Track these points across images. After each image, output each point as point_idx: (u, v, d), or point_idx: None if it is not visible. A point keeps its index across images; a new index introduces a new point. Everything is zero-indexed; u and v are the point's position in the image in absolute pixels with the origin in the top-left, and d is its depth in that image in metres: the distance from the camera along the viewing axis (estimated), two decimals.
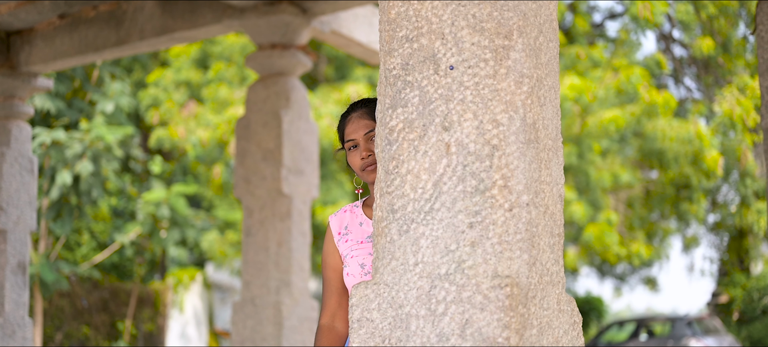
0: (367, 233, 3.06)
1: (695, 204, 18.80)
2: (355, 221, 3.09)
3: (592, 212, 17.09)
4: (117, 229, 17.21)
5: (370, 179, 3.07)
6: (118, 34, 7.28)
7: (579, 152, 16.74)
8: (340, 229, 3.08)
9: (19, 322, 7.51)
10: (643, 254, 18.49)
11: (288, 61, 7.01)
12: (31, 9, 7.17)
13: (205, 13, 6.93)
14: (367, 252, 3.01)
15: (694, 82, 20.03)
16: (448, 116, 2.49)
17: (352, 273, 2.99)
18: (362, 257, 3.00)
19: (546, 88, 2.61)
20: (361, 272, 2.98)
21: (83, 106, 15.20)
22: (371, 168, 3.06)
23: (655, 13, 15.81)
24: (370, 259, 2.98)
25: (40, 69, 7.82)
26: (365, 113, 3.13)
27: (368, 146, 3.07)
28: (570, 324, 2.65)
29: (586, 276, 26.92)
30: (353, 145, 3.09)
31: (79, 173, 13.69)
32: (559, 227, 2.63)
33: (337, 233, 3.08)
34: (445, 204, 2.47)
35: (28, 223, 7.70)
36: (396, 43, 2.58)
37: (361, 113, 3.13)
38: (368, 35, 7.84)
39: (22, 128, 7.80)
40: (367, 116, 3.12)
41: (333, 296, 3.04)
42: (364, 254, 3.01)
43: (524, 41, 2.51)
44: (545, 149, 2.58)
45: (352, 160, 3.10)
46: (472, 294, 2.40)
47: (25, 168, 7.72)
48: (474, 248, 2.43)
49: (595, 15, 20.36)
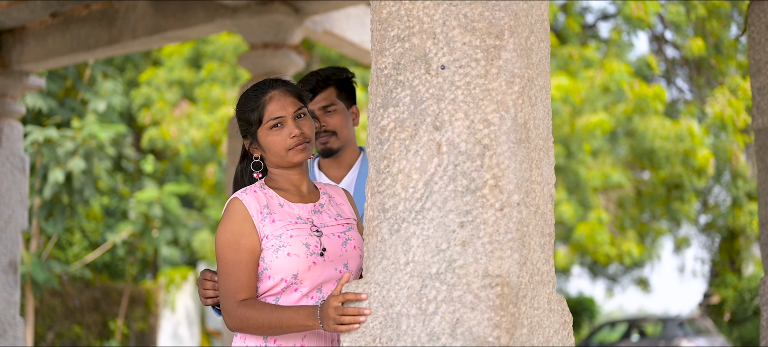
0: (296, 215, 2.91)
1: (687, 204, 18.85)
2: (274, 202, 2.92)
3: (581, 212, 17.12)
4: (109, 228, 17.18)
5: (296, 159, 2.94)
6: (110, 33, 7.27)
7: (568, 152, 16.76)
8: (260, 209, 2.88)
9: (11, 321, 7.49)
10: (634, 254, 18.53)
11: (280, 61, 7.01)
12: (23, 8, 7.16)
13: (198, 12, 6.92)
14: (307, 232, 2.87)
15: (686, 83, 20.08)
16: (440, 115, 2.49)
17: (294, 253, 2.83)
18: (305, 237, 2.85)
19: (537, 88, 2.62)
20: (306, 251, 2.83)
21: (75, 105, 15.18)
22: (300, 148, 2.93)
23: (648, 12, 15.85)
24: (313, 239, 2.86)
25: (32, 68, 7.81)
26: (288, 90, 2.99)
27: (297, 124, 2.94)
28: (560, 324, 2.66)
29: (578, 276, 26.97)
30: (277, 123, 2.93)
31: (71, 172, 13.67)
32: (549, 227, 2.64)
33: (258, 212, 2.87)
34: (436, 204, 2.47)
35: (19, 222, 7.68)
36: (387, 43, 2.59)
37: (282, 90, 2.97)
38: (361, 35, 7.84)
39: (14, 127, 7.78)
40: (291, 93, 2.99)
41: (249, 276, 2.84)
42: (305, 234, 2.86)
43: (515, 41, 2.52)
44: (536, 149, 2.58)
45: (274, 140, 2.93)
46: (462, 294, 2.40)
47: (16, 167, 7.70)
48: (465, 247, 2.43)
49: (588, 16, 20.39)
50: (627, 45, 18.50)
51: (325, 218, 2.97)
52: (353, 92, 3.67)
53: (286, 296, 2.86)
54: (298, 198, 2.98)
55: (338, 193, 3.12)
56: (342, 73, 3.63)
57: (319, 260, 2.86)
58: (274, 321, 2.77)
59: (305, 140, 2.94)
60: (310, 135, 2.98)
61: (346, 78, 3.63)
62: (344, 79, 3.63)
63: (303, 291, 2.86)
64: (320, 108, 3.56)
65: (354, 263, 2.95)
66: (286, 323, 2.76)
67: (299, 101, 2.99)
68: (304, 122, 2.97)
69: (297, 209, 2.94)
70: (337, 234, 2.94)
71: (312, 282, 2.86)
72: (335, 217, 3.00)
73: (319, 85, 3.56)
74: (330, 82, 3.59)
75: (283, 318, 2.76)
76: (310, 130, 2.98)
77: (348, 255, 2.94)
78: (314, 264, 2.85)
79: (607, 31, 20.10)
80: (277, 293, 2.86)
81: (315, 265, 2.85)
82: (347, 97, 3.64)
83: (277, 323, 2.77)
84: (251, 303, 2.83)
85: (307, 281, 2.85)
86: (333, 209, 3.02)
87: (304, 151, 2.94)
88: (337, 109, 3.58)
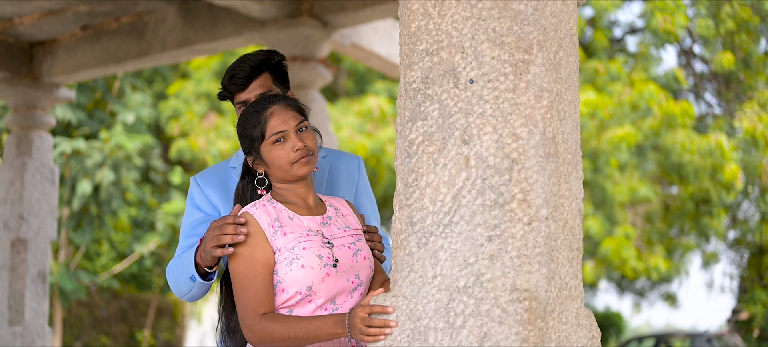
0: (306, 227, 2.92)
1: (715, 220, 18.71)
2: (284, 216, 2.93)
3: (608, 227, 17.03)
4: (136, 239, 17.28)
5: (301, 172, 2.95)
6: (139, 45, 7.33)
7: (595, 167, 16.70)
8: (271, 222, 2.89)
9: (39, 331, 7.55)
10: (661, 268, 18.40)
11: (308, 74, 7.03)
12: (54, 20, 7.23)
13: (226, 25, 6.96)
14: (319, 244, 2.88)
15: (715, 97, 19.95)
16: (468, 129, 2.49)
17: (308, 265, 2.83)
18: (318, 249, 2.86)
19: (566, 102, 2.61)
20: (319, 263, 2.84)
21: (104, 117, 15.29)
22: (304, 161, 2.94)
23: (675, 26, 15.77)
24: (325, 250, 2.87)
25: (62, 80, 7.88)
26: (288, 105, 2.99)
27: (300, 138, 2.94)
28: (588, 339, 2.65)
29: (605, 291, 26.80)
30: (280, 138, 2.94)
31: (99, 183, 13.76)
32: (578, 242, 2.63)
33: (269, 226, 2.88)
34: (464, 217, 2.47)
35: (48, 232, 7.75)
36: (416, 57, 2.59)
37: (283, 105, 2.98)
38: (388, 49, 7.86)
39: (44, 139, 7.85)
40: (292, 107, 2.99)
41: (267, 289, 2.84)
42: (317, 246, 2.87)
43: (544, 56, 2.52)
44: (564, 163, 2.58)
45: (277, 154, 2.94)
46: (490, 308, 2.40)
47: (46, 178, 7.77)
48: (493, 261, 2.43)
49: (616, 30, 20.31)
50: (655, 59, 18.41)
51: (334, 230, 2.98)
52: (287, 76, 3.43)
53: (300, 308, 2.87)
54: (306, 211, 3.00)
55: (342, 204, 3.13)
56: (274, 57, 3.37)
57: (333, 271, 2.87)
58: (301, 332, 2.77)
59: (309, 152, 2.95)
60: (314, 147, 2.99)
61: (278, 62, 3.38)
62: (277, 63, 3.38)
63: (317, 302, 2.87)
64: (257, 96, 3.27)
65: (364, 273, 2.96)
66: (314, 333, 2.76)
67: (300, 114, 3.00)
68: (306, 135, 2.98)
69: (307, 222, 2.95)
70: (347, 246, 2.96)
71: (326, 294, 2.87)
72: (343, 229, 3.01)
73: (254, 71, 3.30)
74: (264, 68, 3.33)
75: (310, 329, 2.76)
76: (313, 142, 2.99)
77: (359, 266, 2.95)
78: (328, 276, 2.86)
79: (634, 45, 20.01)
80: (291, 305, 2.87)
81: (328, 276, 2.86)
82: (281, 82, 3.39)
83: (304, 334, 2.77)
84: (274, 316, 2.83)
85: (322, 293, 2.86)
86: (340, 221, 3.04)
87: (308, 164, 2.95)
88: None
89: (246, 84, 3.28)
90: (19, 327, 7.45)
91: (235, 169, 3.36)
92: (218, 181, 3.36)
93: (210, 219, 3.28)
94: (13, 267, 7.55)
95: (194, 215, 3.33)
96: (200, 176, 3.41)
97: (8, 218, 7.60)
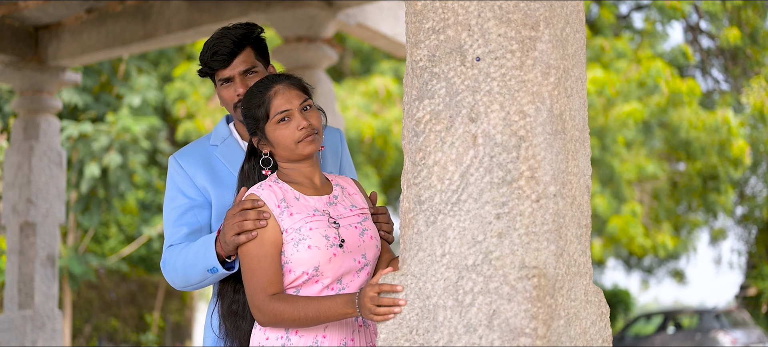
0: (312, 207, 2.91)
1: (723, 196, 18.69)
2: (290, 196, 2.92)
3: (615, 205, 17.02)
4: (145, 222, 17.32)
5: (306, 151, 2.93)
6: (145, 28, 7.32)
7: (602, 144, 16.68)
8: (278, 203, 2.88)
9: (49, 314, 7.58)
10: (669, 245, 18.40)
11: (314, 54, 7.02)
12: (59, 4, 7.23)
13: (231, 6, 6.95)
14: (325, 224, 2.88)
15: (722, 73, 19.89)
16: (475, 107, 2.49)
17: (315, 245, 2.83)
18: (324, 229, 2.86)
19: (573, 79, 2.60)
20: (326, 243, 2.84)
21: (110, 100, 15.31)
22: (309, 139, 2.92)
23: (682, 2, 15.72)
24: (332, 230, 2.87)
25: (68, 63, 7.88)
26: (292, 84, 2.97)
27: (304, 116, 2.93)
28: (597, 315, 2.65)
29: (613, 268, 26.82)
30: (284, 117, 2.92)
31: (107, 166, 13.79)
32: (586, 218, 2.63)
33: (276, 206, 2.87)
34: (472, 195, 2.47)
35: (56, 216, 7.77)
36: (422, 35, 2.59)
37: (287, 84, 2.96)
38: (394, 28, 7.84)
39: (51, 122, 7.86)
40: (296, 86, 2.97)
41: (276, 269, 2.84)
42: (324, 226, 2.87)
43: (551, 32, 2.51)
44: (572, 140, 2.57)
45: (282, 133, 2.92)
46: (499, 285, 2.40)
47: (53, 162, 7.78)
48: (501, 239, 2.43)
49: (622, 6, 20.24)
50: (661, 35, 18.36)
51: (341, 210, 2.98)
52: (267, 50, 3.31)
53: (307, 288, 2.87)
54: (313, 191, 2.99)
55: (349, 183, 3.13)
56: (254, 30, 3.24)
57: (339, 251, 2.87)
58: (312, 312, 2.77)
59: (313, 131, 2.94)
60: (318, 126, 2.97)
61: (259, 36, 3.25)
62: (258, 36, 3.25)
63: (324, 283, 2.87)
64: (241, 73, 3.18)
65: (371, 253, 2.96)
66: (324, 313, 2.76)
67: (304, 93, 2.98)
68: (310, 114, 2.96)
69: (313, 202, 2.95)
70: (353, 225, 2.95)
71: (333, 274, 2.87)
72: (350, 208, 3.01)
73: (237, 46, 3.18)
74: (247, 42, 3.20)
75: (320, 309, 2.76)
76: (317, 121, 2.97)
77: (365, 246, 2.95)
78: (334, 256, 2.86)
79: (641, 21, 19.95)
80: (298, 285, 2.87)
81: (335, 257, 2.86)
82: (263, 56, 3.27)
83: (314, 314, 2.77)
84: (283, 297, 2.83)
85: (329, 273, 2.86)
86: (347, 200, 3.03)
87: (313, 142, 2.94)
88: (258, 71, 3.22)
89: (229, 60, 3.18)
90: (29, 310, 7.48)
91: (217, 147, 3.27)
92: (201, 160, 3.24)
93: (196, 205, 3.19)
94: (22, 250, 7.58)
95: (178, 200, 3.21)
96: (180, 155, 3.28)
97: (16, 202, 7.62)
